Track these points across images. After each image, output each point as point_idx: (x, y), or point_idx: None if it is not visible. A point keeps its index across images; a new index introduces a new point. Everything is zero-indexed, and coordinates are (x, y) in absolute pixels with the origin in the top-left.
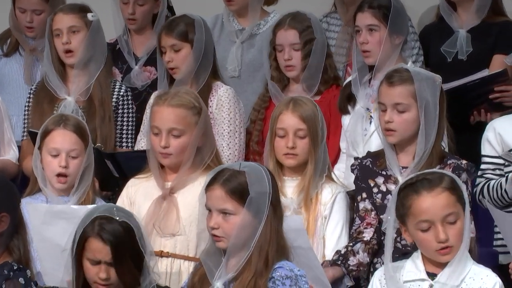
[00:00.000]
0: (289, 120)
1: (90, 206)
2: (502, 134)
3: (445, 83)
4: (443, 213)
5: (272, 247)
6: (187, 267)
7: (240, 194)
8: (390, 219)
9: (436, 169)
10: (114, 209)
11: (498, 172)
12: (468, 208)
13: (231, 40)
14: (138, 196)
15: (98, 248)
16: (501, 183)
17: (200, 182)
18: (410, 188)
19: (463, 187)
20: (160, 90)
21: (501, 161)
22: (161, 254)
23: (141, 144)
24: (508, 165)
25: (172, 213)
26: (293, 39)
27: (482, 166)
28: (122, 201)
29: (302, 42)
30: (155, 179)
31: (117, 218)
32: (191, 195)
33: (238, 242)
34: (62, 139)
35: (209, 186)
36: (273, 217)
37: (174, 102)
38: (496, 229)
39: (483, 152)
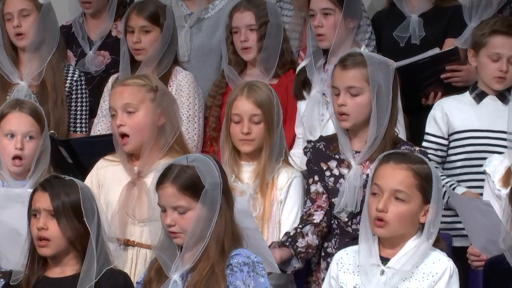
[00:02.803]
0: (244, 106)
1: None
2: (448, 114)
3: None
4: (394, 187)
5: (227, 236)
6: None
7: (192, 189)
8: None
9: (422, 156)
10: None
11: (440, 153)
12: (433, 202)
13: (180, 25)
14: (106, 178)
15: (40, 197)
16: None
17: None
18: (386, 156)
19: (435, 183)
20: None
21: (444, 141)
22: (127, 243)
23: (98, 128)
24: (453, 147)
25: (144, 198)
26: (249, 20)
27: (425, 144)
28: (91, 180)
29: (258, 24)
30: (123, 165)
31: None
32: None
33: (194, 235)
34: (18, 122)
35: (159, 185)
36: (226, 206)
37: (127, 82)
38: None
39: (427, 130)
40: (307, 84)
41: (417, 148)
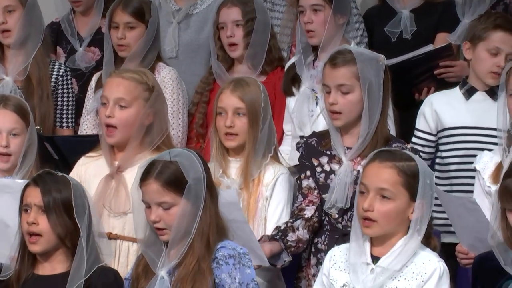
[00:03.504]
0: (228, 99)
1: None
2: (438, 111)
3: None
4: (379, 185)
5: (212, 230)
6: (136, 250)
7: (175, 184)
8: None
9: (411, 153)
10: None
11: (427, 150)
12: (420, 198)
13: (168, 21)
14: (87, 174)
15: (32, 192)
16: None
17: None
18: (374, 155)
19: (421, 179)
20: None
21: (432, 138)
22: (109, 236)
23: (84, 127)
24: (444, 143)
25: (121, 191)
26: (236, 16)
27: (413, 140)
28: None
29: (245, 20)
30: (104, 156)
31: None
32: None
33: (180, 231)
34: (2, 119)
35: (143, 181)
36: (210, 200)
37: (126, 75)
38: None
39: (417, 125)
40: (297, 80)
41: (409, 146)
